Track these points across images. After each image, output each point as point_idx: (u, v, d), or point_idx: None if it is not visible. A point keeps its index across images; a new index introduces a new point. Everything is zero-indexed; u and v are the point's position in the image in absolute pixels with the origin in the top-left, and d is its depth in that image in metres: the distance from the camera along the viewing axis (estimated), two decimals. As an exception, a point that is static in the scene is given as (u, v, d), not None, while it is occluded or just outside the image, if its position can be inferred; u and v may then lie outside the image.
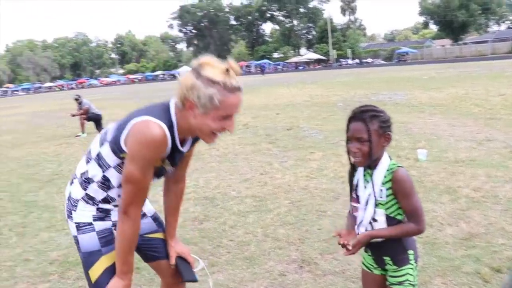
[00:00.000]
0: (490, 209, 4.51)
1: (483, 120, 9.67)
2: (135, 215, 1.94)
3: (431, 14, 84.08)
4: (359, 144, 1.94)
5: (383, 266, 2.10)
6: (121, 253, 1.98)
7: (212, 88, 1.77)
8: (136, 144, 1.83)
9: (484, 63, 39.89)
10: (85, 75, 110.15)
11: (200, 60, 1.85)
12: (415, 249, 2.07)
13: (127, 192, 1.90)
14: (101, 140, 2.02)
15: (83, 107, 13.19)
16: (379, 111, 1.99)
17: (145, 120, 1.84)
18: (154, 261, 2.34)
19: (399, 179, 1.93)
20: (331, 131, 9.91)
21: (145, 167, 1.87)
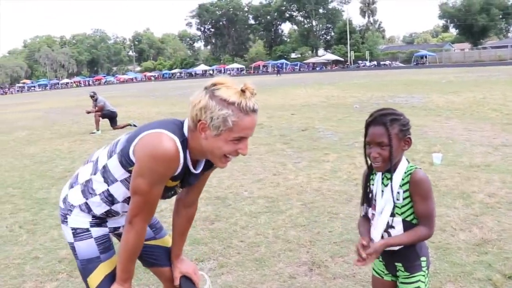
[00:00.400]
0: (504, 215, 4.45)
1: (500, 125, 9.55)
2: (140, 227, 1.89)
3: (451, 17, 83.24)
4: (380, 149, 1.91)
5: (394, 273, 2.07)
6: (123, 261, 1.95)
7: (226, 109, 1.70)
8: (146, 156, 1.76)
9: (503, 68, 39.43)
10: (102, 72, 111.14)
11: (214, 80, 1.78)
12: (427, 256, 2.05)
13: (134, 203, 1.85)
14: (110, 152, 1.96)
15: (98, 104, 13.30)
16: (398, 114, 1.95)
17: (158, 132, 1.78)
18: (152, 267, 2.32)
19: (417, 180, 1.90)
20: (346, 132, 9.86)
21: (153, 181, 1.80)
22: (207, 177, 2.17)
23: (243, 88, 1.74)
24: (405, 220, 1.95)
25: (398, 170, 1.95)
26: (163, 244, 2.31)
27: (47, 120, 18.19)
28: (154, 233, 2.29)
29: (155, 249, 2.28)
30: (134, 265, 2.01)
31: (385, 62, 71.16)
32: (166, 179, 1.85)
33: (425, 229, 1.92)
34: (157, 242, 2.29)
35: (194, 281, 2.28)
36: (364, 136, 1.99)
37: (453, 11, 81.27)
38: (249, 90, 1.75)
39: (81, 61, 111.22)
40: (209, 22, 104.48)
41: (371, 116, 1.97)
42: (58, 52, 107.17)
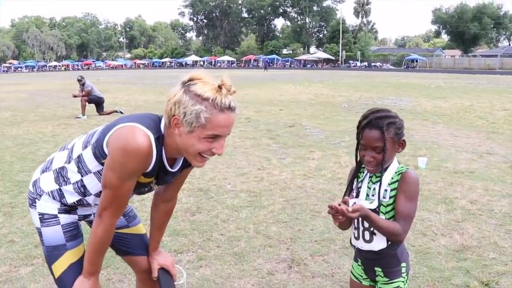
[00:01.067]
0: (484, 223, 4.46)
1: (486, 133, 9.62)
2: (109, 222, 1.84)
3: (444, 23, 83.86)
4: (375, 153, 1.87)
5: (373, 277, 2.04)
6: (91, 254, 1.90)
7: (199, 105, 1.64)
8: (118, 150, 1.71)
9: (491, 76, 39.87)
10: (91, 57, 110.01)
11: (191, 74, 1.72)
12: (407, 262, 2.02)
13: (104, 196, 1.80)
14: (85, 142, 1.91)
15: (85, 89, 13.11)
16: (394, 117, 1.90)
17: (132, 126, 1.73)
18: (125, 256, 2.27)
19: (408, 179, 1.88)
20: (333, 131, 9.85)
21: (124, 176, 1.75)
22: (186, 174, 2.11)
23: (220, 84, 1.68)
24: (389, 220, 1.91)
25: (389, 170, 1.92)
26: (136, 232, 2.27)
27: (32, 102, 17.92)
28: (127, 221, 2.24)
29: (128, 237, 2.23)
30: (102, 259, 1.96)
31: (376, 63, 71.43)
32: (137, 175, 1.80)
33: (400, 229, 1.84)
34: (131, 230, 2.24)
35: (172, 274, 2.24)
36: (358, 137, 1.94)
37: (446, 17, 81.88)
38: (226, 86, 1.68)
39: (71, 45, 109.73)
40: (202, 13, 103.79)
41: (365, 117, 1.90)
42: (47, 34, 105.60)
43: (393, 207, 1.90)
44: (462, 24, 77.86)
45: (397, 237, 1.87)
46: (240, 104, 11.05)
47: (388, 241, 1.92)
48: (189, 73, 1.73)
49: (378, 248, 1.94)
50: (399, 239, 1.89)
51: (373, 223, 1.84)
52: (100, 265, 1.97)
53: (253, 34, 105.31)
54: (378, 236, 1.93)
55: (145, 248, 2.27)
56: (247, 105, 15.30)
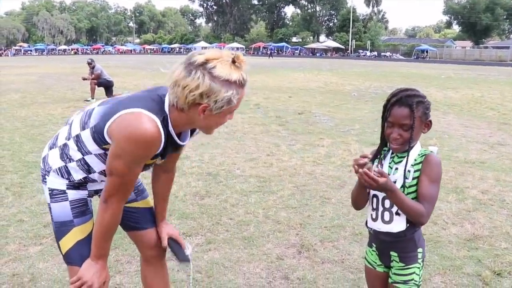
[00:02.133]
0: (496, 213, 4.42)
1: (497, 124, 9.52)
2: (116, 207, 1.82)
3: (456, 14, 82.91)
4: (402, 130, 1.83)
5: (388, 263, 2.00)
6: (98, 238, 1.88)
7: (230, 90, 1.64)
8: (125, 138, 1.67)
9: (502, 68, 39.47)
10: (101, 41, 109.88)
11: (205, 56, 1.63)
12: (424, 248, 1.98)
13: (110, 183, 1.77)
14: (83, 123, 1.86)
15: (95, 72, 13.10)
16: (423, 96, 1.87)
17: (137, 112, 1.67)
18: (132, 231, 2.25)
19: (432, 161, 1.85)
20: (342, 119, 9.79)
21: (132, 163, 1.73)
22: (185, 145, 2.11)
23: (235, 59, 1.65)
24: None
25: (413, 151, 1.88)
26: (144, 206, 2.25)
27: (42, 85, 17.94)
28: (136, 195, 2.23)
29: (136, 210, 2.21)
30: (110, 243, 1.94)
31: (386, 53, 70.89)
32: (145, 160, 1.78)
33: (424, 210, 1.80)
34: (139, 204, 2.23)
35: (180, 242, 2.28)
36: (384, 114, 1.90)
37: (458, 8, 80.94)
38: (243, 61, 1.68)
39: (80, 29, 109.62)
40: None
41: (395, 95, 1.87)
42: (57, 17, 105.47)
43: (415, 189, 1.86)
44: (474, 15, 76.94)
45: (421, 219, 1.83)
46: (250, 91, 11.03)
47: (407, 223, 1.88)
48: (201, 54, 1.65)
49: (397, 230, 1.90)
50: (422, 221, 1.84)
51: (398, 199, 1.80)
52: (108, 249, 1.96)
53: (263, 21, 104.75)
54: (398, 217, 1.89)
55: (152, 221, 2.26)
56: (256, 91, 15.23)
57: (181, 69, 1.65)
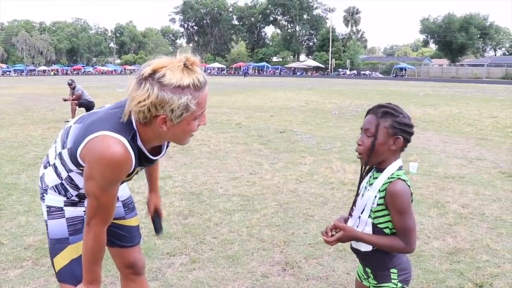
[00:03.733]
0: (476, 226, 4.49)
1: (474, 140, 9.71)
2: (98, 230, 1.79)
3: (432, 33, 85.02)
4: (365, 137, 1.83)
5: (368, 278, 1.99)
6: (86, 262, 1.85)
7: (184, 96, 1.57)
8: (95, 163, 1.66)
9: (478, 85, 40.39)
10: (81, 62, 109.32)
11: (151, 66, 1.58)
12: (402, 270, 1.89)
13: (89, 205, 1.75)
14: (62, 142, 1.86)
15: (76, 93, 13.02)
16: (397, 111, 1.83)
17: (103, 136, 1.65)
18: (113, 247, 2.23)
19: (392, 193, 1.78)
20: (324, 137, 9.88)
21: (106, 186, 1.71)
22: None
23: (187, 63, 1.58)
24: (376, 225, 1.84)
25: (385, 173, 1.84)
26: (130, 224, 2.25)
27: (21, 106, 17.75)
28: (125, 212, 2.23)
29: (121, 228, 2.20)
30: (99, 267, 1.90)
31: (365, 71, 71.94)
32: (119, 181, 1.76)
33: (402, 243, 1.79)
34: (126, 222, 2.23)
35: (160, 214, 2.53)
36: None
37: (434, 27, 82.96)
38: (195, 63, 1.61)
39: (60, 49, 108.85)
40: (192, 20, 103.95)
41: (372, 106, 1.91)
42: (36, 38, 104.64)
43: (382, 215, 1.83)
44: (450, 34, 78.93)
45: (403, 251, 1.83)
46: (231, 110, 11.13)
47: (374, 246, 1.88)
48: (150, 65, 1.60)
49: (364, 249, 1.90)
50: (406, 252, 1.83)
51: (370, 242, 1.83)
52: (99, 273, 1.91)
53: (243, 41, 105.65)
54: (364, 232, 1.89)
55: (135, 239, 2.26)
56: (238, 111, 15.30)
57: (133, 84, 1.62)
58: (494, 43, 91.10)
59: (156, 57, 1.64)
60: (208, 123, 9.79)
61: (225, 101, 19.69)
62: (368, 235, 1.84)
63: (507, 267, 3.60)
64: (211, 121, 12.26)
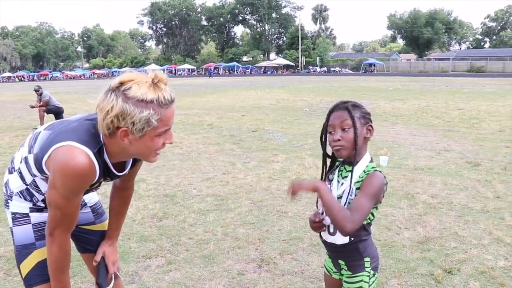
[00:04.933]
0: (445, 215, 4.63)
1: (442, 132, 9.95)
2: (62, 239, 1.79)
3: (399, 28, 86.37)
4: (342, 132, 1.86)
5: (339, 271, 2.05)
6: (52, 272, 1.85)
7: (147, 110, 1.58)
8: (58, 173, 1.66)
9: (445, 79, 41.27)
10: (48, 67, 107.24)
11: (119, 79, 1.62)
12: (373, 257, 1.98)
13: (52, 216, 1.75)
14: (29, 147, 1.86)
15: (43, 99, 12.77)
16: (360, 104, 1.94)
17: (68, 146, 1.65)
18: (85, 253, 2.24)
19: (371, 177, 1.84)
20: (295, 134, 9.96)
21: (69, 196, 1.71)
22: (139, 166, 2.10)
23: (155, 80, 1.62)
24: None
25: (360, 165, 1.90)
26: (100, 229, 2.25)
27: (-13, 114, 17.33)
28: (95, 217, 2.23)
29: (91, 234, 2.21)
30: (67, 275, 1.90)
31: (335, 68, 72.67)
32: (82, 191, 1.77)
33: (349, 216, 1.76)
34: (96, 227, 2.23)
35: (109, 271, 2.17)
36: (325, 126, 1.95)
37: (401, 23, 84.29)
38: (162, 80, 1.64)
39: (26, 55, 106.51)
40: (161, 21, 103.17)
41: (333, 105, 1.95)
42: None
43: None
44: (416, 29, 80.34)
45: (344, 224, 1.76)
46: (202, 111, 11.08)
47: (351, 237, 1.92)
48: (116, 78, 1.65)
49: (340, 242, 1.94)
50: (345, 227, 1.76)
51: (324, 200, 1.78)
52: (67, 281, 1.91)
53: (213, 42, 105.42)
54: None
55: None
56: (209, 111, 15.29)
57: (102, 95, 1.64)
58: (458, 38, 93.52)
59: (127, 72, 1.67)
60: (180, 124, 9.74)
61: (196, 102, 19.64)
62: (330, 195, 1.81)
63: (474, 252, 3.73)
64: (182, 123, 12.23)
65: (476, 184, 5.73)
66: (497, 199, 5.13)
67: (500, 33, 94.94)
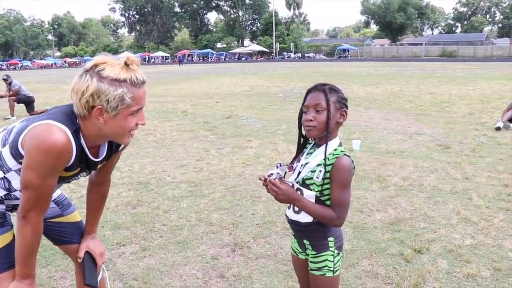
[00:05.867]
0: (415, 197, 4.73)
1: (414, 115, 10.12)
2: (36, 221, 1.79)
3: (372, 14, 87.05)
4: (316, 113, 1.89)
5: (305, 251, 2.07)
6: (21, 256, 1.84)
7: (120, 88, 1.66)
8: (34, 149, 1.66)
9: (417, 64, 41.78)
10: (17, 56, 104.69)
11: (93, 61, 1.70)
12: (337, 237, 2.01)
13: (26, 197, 1.74)
14: (3, 140, 1.86)
15: (12, 88, 12.50)
16: (338, 88, 1.97)
17: (46, 123, 1.68)
18: (61, 245, 2.25)
19: (339, 167, 1.86)
20: (269, 120, 10.00)
21: (44, 175, 1.71)
22: (115, 158, 2.12)
23: (127, 62, 1.70)
24: (319, 198, 1.92)
25: (328, 148, 1.92)
26: (71, 220, 2.25)
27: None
28: (61, 209, 2.23)
29: (63, 226, 2.21)
30: (35, 260, 1.90)
31: (309, 54, 72.96)
32: (58, 171, 1.76)
33: (334, 215, 1.87)
34: (65, 219, 2.23)
35: (97, 262, 2.19)
36: (302, 105, 1.98)
37: (374, 8, 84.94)
38: (134, 62, 1.72)
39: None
40: (133, 8, 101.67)
41: (312, 86, 1.98)
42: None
43: (327, 187, 1.91)
44: (389, 15, 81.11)
45: (332, 223, 1.90)
46: (176, 99, 11.02)
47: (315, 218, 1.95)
48: (90, 61, 1.72)
49: (305, 220, 1.97)
50: (335, 224, 1.92)
51: (305, 207, 1.89)
52: (34, 267, 1.90)
53: (187, 28, 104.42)
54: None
55: (81, 235, 2.25)
56: (183, 99, 15.19)
57: (76, 78, 1.71)
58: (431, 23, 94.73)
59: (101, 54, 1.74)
60: (154, 112, 9.68)
61: (170, 89, 19.49)
62: (306, 200, 1.90)
63: (442, 232, 3.83)
64: (156, 110, 12.13)
65: (446, 166, 5.85)
66: (465, 180, 5.26)
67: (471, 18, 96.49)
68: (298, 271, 2.21)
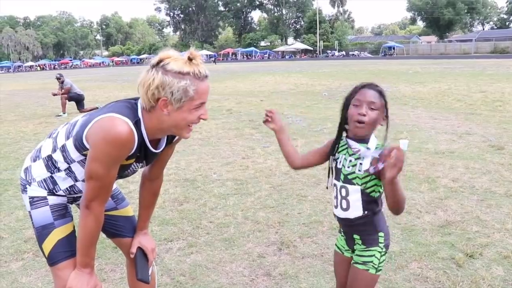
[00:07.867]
0: (466, 199, 4.59)
1: (464, 115, 9.80)
2: (99, 210, 1.89)
3: (419, 10, 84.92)
4: (369, 109, 1.90)
5: (353, 247, 2.07)
6: (83, 246, 1.92)
7: (184, 80, 1.73)
8: (100, 141, 1.76)
9: (467, 61, 40.46)
10: (68, 56, 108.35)
11: (158, 57, 1.79)
12: (386, 233, 2.03)
13: (90, 188, 1.83)
14: (68, 133, 1.96)
15: (65, 87, 12.97)
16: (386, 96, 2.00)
17: (110, 116, 1.78)
18: (114, 238, 2.31)
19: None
20: (314, 119, 9.93)
21: (109, 165, 1.81)
22: (168, 152, 2.18)
23: (190, 56, 1.76)
24: (363, 191, 1.94)
25: (371, 144, 1.97)
26: (125, 214, 2.31)
27: (11, 102, 17.63)
28: (116, 203, 2.29)
29: (117, 219, 2.27)
30: (95, 249, 1.99)
31: (354, 52, 71.90)
32: (120, 161, 1.85)
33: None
34: (119, 213, 2.29)
35: (149, 258, 2.27)
36: (349, 98, 1.97)
37: (421, 4, 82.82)
38: (197, 57, 1.78)
39: (47, 44, 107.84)
40: (178, 8, 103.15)
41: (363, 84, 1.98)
42: (21, 34, 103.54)
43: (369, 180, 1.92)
44: (437, 10, 78.90)
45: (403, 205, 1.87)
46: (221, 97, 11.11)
47: (364, 210, 1.97)
48: (155, 56, 1.79)
49: (354, 216, 1.99)
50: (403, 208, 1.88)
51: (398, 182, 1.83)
52: (93, 256, 1.99)
53: (230, 27, 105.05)
54: (355, 205, 1.97)
55: (133, 230, 2.31)
56: (228, 97, 15.31)
57: (143, 73, 1.80)
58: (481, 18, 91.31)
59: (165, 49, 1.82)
60: (199, 110, 9.79)
61: (215, 87, 19.67)
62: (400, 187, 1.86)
63: (496, 236, 3.70)
64: (202, 109, 12.26)
65: (500, 168, 5.65)
66: (520, 182, 5.06)
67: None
68: (339, 268, 2.21)
